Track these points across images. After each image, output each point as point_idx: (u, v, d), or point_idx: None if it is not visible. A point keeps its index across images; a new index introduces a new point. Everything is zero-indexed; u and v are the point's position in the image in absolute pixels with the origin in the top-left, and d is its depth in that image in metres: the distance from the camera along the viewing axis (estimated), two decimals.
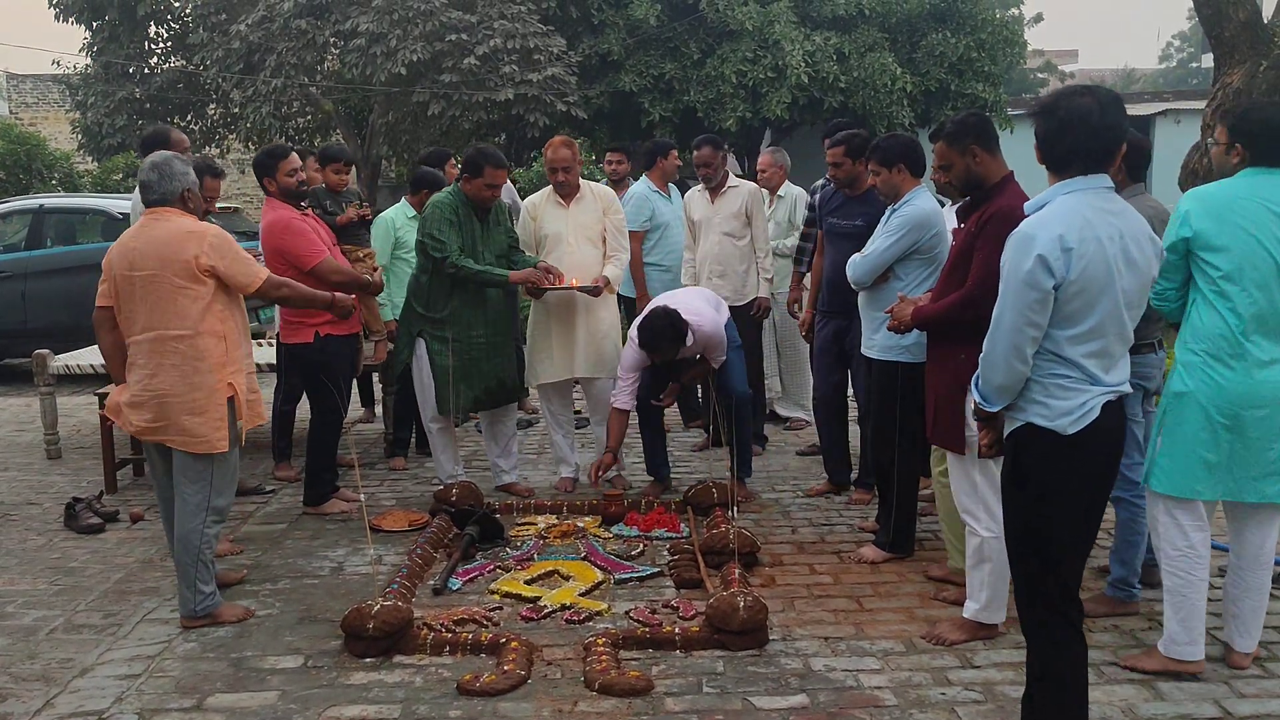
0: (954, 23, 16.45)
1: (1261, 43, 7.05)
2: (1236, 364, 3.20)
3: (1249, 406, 3.19)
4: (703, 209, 6.05)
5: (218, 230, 3.85)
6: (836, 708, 3.19)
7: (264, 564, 4.50)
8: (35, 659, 3.62)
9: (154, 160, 3.88)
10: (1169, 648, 3.33)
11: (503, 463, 5.48)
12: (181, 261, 3.72)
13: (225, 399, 3.80)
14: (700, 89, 15.65)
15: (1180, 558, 3.29)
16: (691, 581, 4.14)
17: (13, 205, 10.06)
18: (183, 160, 3.94)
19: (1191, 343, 3.28)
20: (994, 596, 3.59)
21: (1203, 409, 3.22)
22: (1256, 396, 3.19)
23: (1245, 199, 3.22)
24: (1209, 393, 3.21)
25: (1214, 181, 3.39)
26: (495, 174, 5.03)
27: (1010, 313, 2.65)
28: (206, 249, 3.75)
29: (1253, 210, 3.20)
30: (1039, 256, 2.58)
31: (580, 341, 5.34)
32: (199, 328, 3.75)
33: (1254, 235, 3.18)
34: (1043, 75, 33.40)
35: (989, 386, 2.75)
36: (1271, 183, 3.27)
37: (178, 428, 3.76)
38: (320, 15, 14.71)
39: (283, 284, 4.16)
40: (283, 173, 5.00)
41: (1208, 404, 3.22)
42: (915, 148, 4.34)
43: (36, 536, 4.98)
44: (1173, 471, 3.28)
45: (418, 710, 3.20)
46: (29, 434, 7.08)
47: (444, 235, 4.97)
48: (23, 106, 24.51)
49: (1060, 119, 2.67)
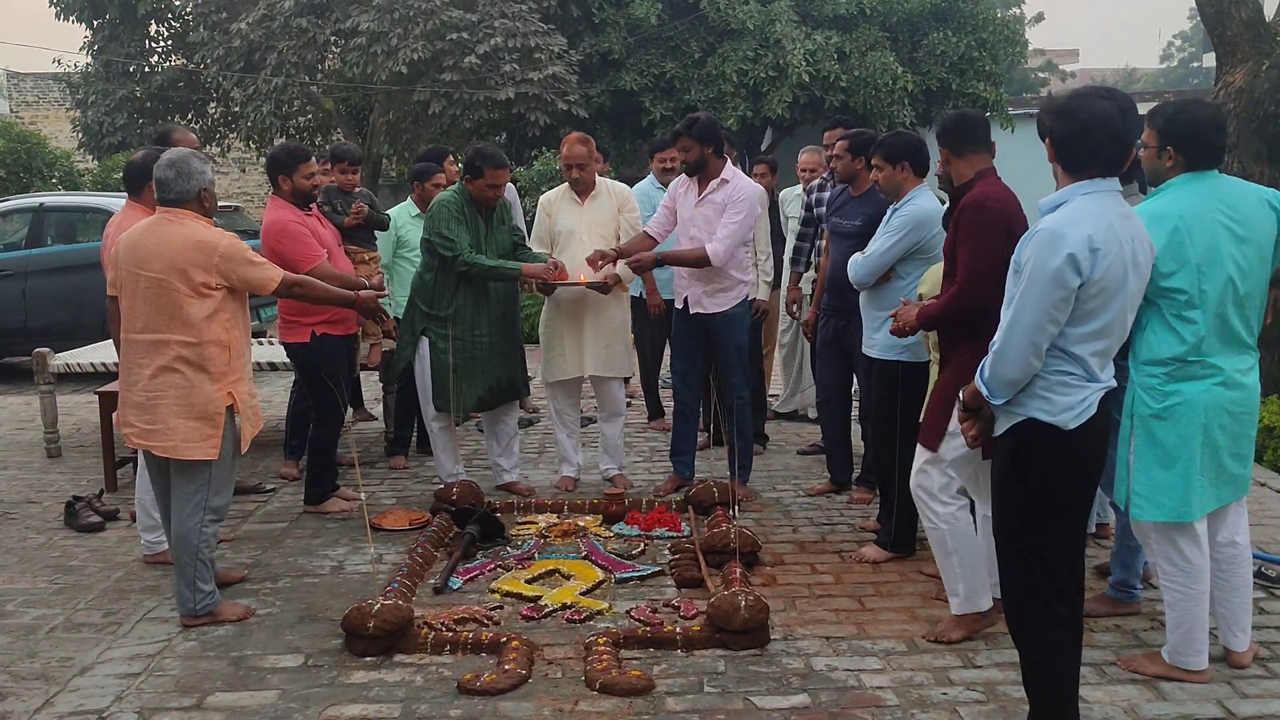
0: (955, 22, 16.45)
1: (1264, 42, 7.03)
2: (1197, 382, 3.12)
3: (1215, 419, 3.13)
4: None
5: (230, 241, 3.77)
6: (838, 707, 3.19)
7: (264, 563, 4.49)
8: (35, 657, 3.61)
9: (171, 157, 3.80)
10: (1174, 657, 3.29)
11: (504, 461, 5.47)
12: (190, 274, 3.67)
13: (224, 407, 3.77)
14: (701, 88, 15.65)
15: (1177, 574, 3.22)
16: (692, 581, 4.14)
17: (13, 204, 10.05)
18: (201, 158, 3.87)
19: (1147, 365, 3.17)
20: (970, 584, 3.59)
21: (1171, 429, 3.13)
22: (1219, 409, 3.14)
23: (1199, 215, 3.09)
24: (1177, 411, 3.12)
25: (1162, 197, 3.20)
26: (496, 174, 5.02)
27: (1032, 309, 2.65)
28: (218, 262, 3.70)
29: (1207, 227, 3.09)
30: (1069, 255, 2.59)
31: (590, 340, 5.32)
32: (203, 336, 3.71)
33: (1209, 253, 3.08)
34: (1044, 75, 33.38)
35: (998, 380, 2.75)
36: (1221, 191, 3.16)
37: (171, 433, 3.73)
38: (321, 14, 14.72)
39: (297, 283, 4.11)
40: (301, 174, 5.00)
41: (1175, 423, 3.13)
42: (920, 146, 4.34)
43: (36, 535, 4.97)
44: (1153, 498, 3.18)
45: (418, 709, 3.19)
46: (29, 432, 7.08)
47: (453, 233, 4.95)
48: (23, 105, 24.52)
49: (1082, 122, 2.68)
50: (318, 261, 4.93)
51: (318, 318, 5.02)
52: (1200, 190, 3.15)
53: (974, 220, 3.47)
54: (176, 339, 3.71)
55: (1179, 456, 3.14)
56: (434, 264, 5.06)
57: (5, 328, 9.08)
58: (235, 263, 3.74)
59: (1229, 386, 3.15)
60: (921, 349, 4.17)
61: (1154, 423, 3.16)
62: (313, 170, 5.05)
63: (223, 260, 3.71)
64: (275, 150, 5.27)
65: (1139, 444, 3.19)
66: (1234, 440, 3.20)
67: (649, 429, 6.86)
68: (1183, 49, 48.02)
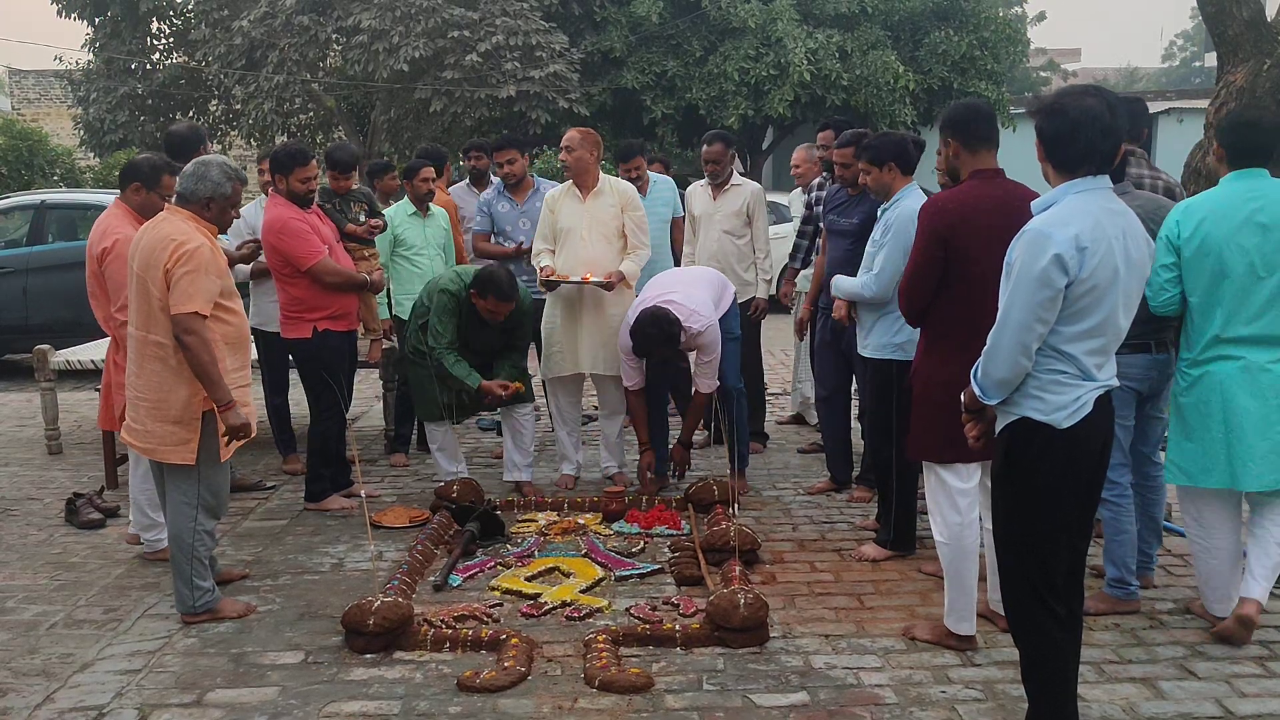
0: (957, 21, 16.44)
1: (1265, 41, 7.02)
2: (1231, 364, 3.51)
3: (1248, 400, 3.49)
4: (704, 204, 6.05)
5: (196, 246, 3.64)
6: (837, 705, 3.19)
7: (265, 560, 4.50)
8: (35, 654, 3.62)
9: (203, 159, 3.83)
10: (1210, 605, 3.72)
11: (517, 458, 5.43)
12: (158, 270, 3.65)
13: (200, 412, 3.72)
14: (702, 86, 15.64)
15: (1197, 529, 3.70)
16: (692, 579, 4.14)
17: (14, 201, 10.06)
18: (226, 170, 3.80)
19: (1188, 348, 3.62)
20: (954, 604, 3.53)
21: (1210, 406, 3.54)
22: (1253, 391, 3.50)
23: (1228, 209, 3.48)
24: (1215, 391, 3.53)
25: (1204, 191, 3.63)
26: (499, 305, 4.98)
27: (1019, 309, 2.65)
28: (174, 257, 3.61)
29: (1235, 222, 3.46)
30: (1055, 255, 2.59)
31: (588, 336, 5.33)
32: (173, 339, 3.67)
33: (1232, 246, 3.45)
34: (1046, 74, 33.31)
35: (989, 380, 2.75)
36: (1257, 189, 3.48)
37: (150, 435, 3.74)
38: (322, 11, 14.72)
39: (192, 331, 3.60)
40: (297, 178, 4.99)
41: (1214, 401, 3.53)
42: (906, 146, 4.33)
43: (37, 532, 4.98)
44: (1188, 466, 3.63)
45: (418, 706, 3.20)
46: (30, 429, 7.08)
47: (443, 326, 5.07)
48: (25, 102, 24.54)
49: (1074, 121, 2.66)
50: (318, 258, 4.95)
51: (319, 314, 5.04)
52: (1240, 189, 3.52)
53: (919, 224, 3.55)
54: (153, 339, 3.71)
55: (1212, 430, 3.55)
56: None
57: (6, 324, 9.08)
58: (184, 264, 3.60)
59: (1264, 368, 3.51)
60: (914, 347, 4.16)
61: (1192, 399, 3.61)
62: (311, 175, 5.04)
63: (180, 258, 3.60)
64: (276, 150, 5.27)
65: (1172, 419, 3.73)
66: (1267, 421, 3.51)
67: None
68: (1184, 48, 47.96)
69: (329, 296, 5.07)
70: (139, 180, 4.46)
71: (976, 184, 3.49)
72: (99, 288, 4.49)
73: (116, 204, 4.54)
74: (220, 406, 3.69)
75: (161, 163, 4.53)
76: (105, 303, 4.49)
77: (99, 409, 4.65)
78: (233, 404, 3.71)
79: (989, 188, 3.46)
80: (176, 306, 3.61)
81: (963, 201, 3.45)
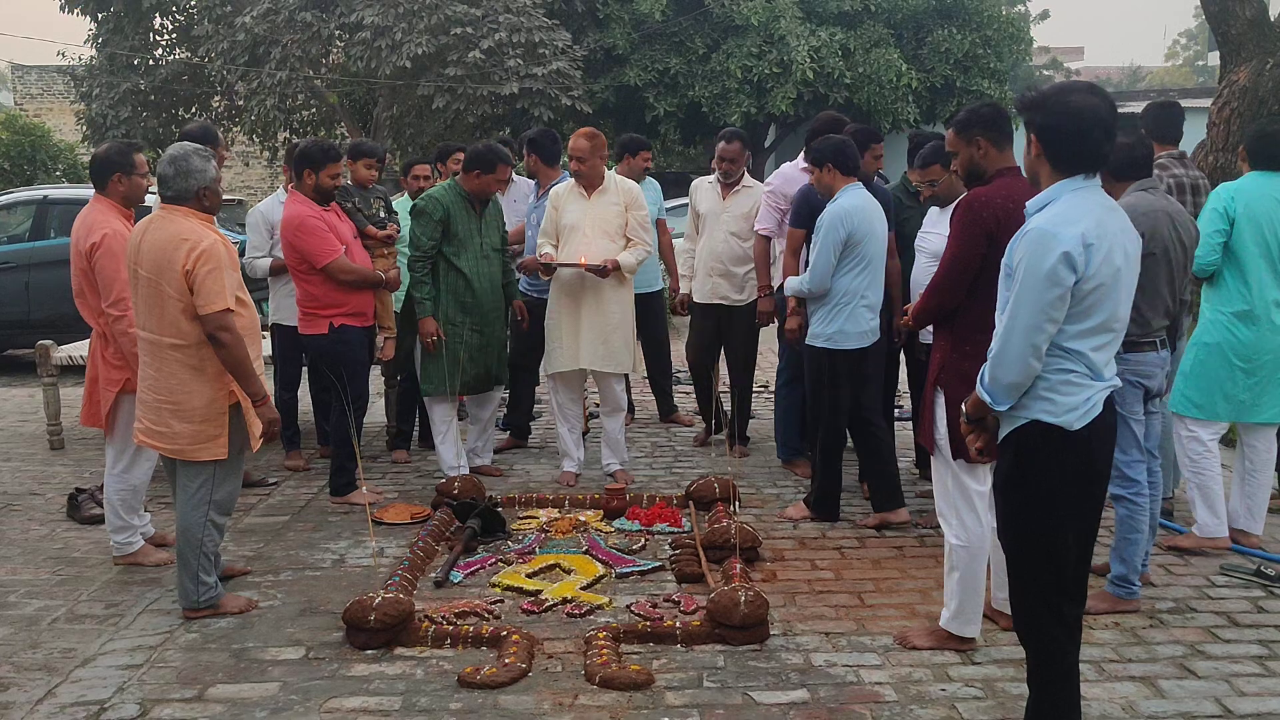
0: (960, 19, 16.42)
1: (1269, 40, 7.01)
2: (1253, 324, 4.32)
3: (1264, 354, 4.31)
4: (711, 202, 5.97)
5: (212, 243, 3.66)
6: (837, 703, 3.19)
7: (266, 555, 4.51)
8: (37, 648, 3.63)
9: (172, 153, 3.76)
10: (1203, 530, 4.37)
11: (480, 444, 5.75)
12: (173, 273, 3.63)
13: (226, 407, 3.75)
14: (705, 84, 15.63)
15: (1202, 456, 4.36)
16: (693, 576, 4.14)
17: (17, 196, 10.07)
18: (203, 155, 3.79)
19: (1219, 304, 4.37)
20: (963, 606, 3.49)
21: (1225, 356, 4.33)
22: (1268, 348, 4.32)
23: (1261, 194, 4.35)
24: (1232, 344, 4.33)
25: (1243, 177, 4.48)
26: (506, 170, 5.43)
27: (1028, 310, 2.61)
28: (197, 257, 3.61)
29: (1267, 203, 4.33)
30: (1064, 254, 2.56)
31: (586, 332, 5.33)
32: (192, 338, 3.68)
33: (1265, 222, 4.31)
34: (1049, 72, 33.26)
35: (998, 385, 2.70)
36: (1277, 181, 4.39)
37: (176, 436, 3.73)
38: (325, 8, 14.70)
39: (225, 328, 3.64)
40: (328, 173, 5.02)
41: (1230, 353, 4.33)
42: (845, 147, 4.63)
43: (39, 527, 4.98)
44: (1199, 400, 4.38)
45: (418, 702, 3.20)
46: (32, 424, 7.10)
47: (424, 232, 5.29)
48: (28, 98, 24.56)
49: (1083, 121, 2.63)
50: (335, 256, 4.96)
51: (336, 310, 5.06)
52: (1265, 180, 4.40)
53: (961, 219, 3.46)
54: (169, 341, 3.70)
55: (1222, 376, 4.34)
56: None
57: (8, 320, 9.09)
58: (204, 263, 3.62)
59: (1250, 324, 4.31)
60: (844, 337, 4.64)
61: (1211, 348, 4.36)
62: (340, 171, 5.11)
63: (198, 258, 3.61)
64: (307, 145, 5.21)
65: (1196, 361, 4.40)
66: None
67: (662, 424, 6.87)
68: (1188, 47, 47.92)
69: (345, 294, 5.08)
70: (119, 171, 4.37)
71: (1010, 180, 3.47)
72: (86, 284, 4.37)
73: (97, 199, 4.41)
74: (256, 401, 3.73)
75: (125, 145, 4.48)
76: (94, 298, 4.37)
77: (81, 406, 4.55)
78: (266, 398, 3.77)
79: (1021, 183, 3.44)
80: (206, 306, 3.63)
81: (1007, 196, 3.40)
